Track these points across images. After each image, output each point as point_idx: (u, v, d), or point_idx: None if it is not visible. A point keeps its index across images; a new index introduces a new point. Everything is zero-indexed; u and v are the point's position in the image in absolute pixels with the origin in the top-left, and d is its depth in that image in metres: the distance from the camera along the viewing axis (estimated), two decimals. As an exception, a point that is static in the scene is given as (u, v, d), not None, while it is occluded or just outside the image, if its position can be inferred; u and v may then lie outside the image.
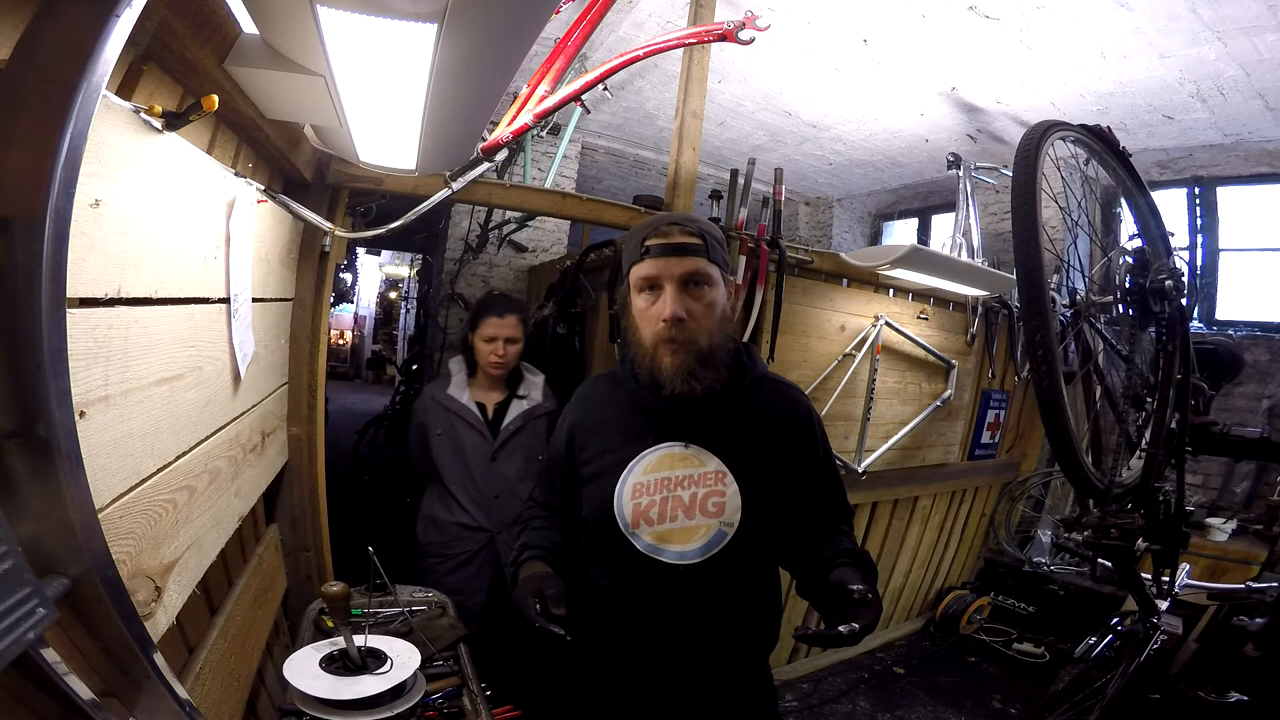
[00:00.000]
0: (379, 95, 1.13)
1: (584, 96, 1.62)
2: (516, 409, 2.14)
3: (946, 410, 3.25)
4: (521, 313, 2.14)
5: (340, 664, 1.26)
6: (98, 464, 0.71)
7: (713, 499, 1.10)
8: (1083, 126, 1.70)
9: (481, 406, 2.14)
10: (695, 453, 1.12)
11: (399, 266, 12.05)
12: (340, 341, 13.58)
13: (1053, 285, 2.87)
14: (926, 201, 5.58)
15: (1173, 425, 1.66)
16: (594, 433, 1.22)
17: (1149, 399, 1.77)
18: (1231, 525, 3.12)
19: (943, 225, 5.43)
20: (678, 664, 1.13)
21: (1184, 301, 1.64)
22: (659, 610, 1.11)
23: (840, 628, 0.91)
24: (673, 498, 1.10)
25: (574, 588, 1.13)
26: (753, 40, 1.60)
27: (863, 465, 2.87)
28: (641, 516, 1.10)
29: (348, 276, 10.12)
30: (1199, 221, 4.03)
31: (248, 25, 0.99)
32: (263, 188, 1.34)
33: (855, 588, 0.96)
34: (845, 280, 2.76)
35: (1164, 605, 1.82)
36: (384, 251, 10.75)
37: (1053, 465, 3.90)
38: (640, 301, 1.11)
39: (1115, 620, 2.13)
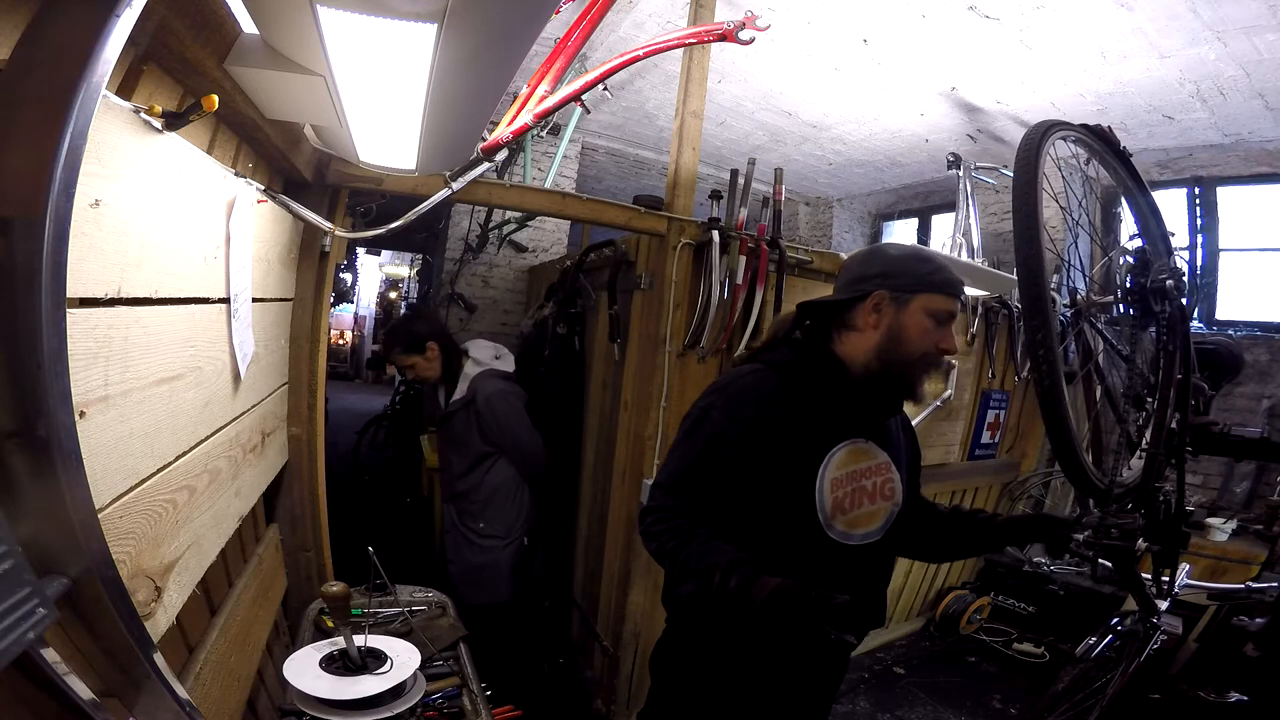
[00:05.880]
0: (379, 95, 1.13)
1: (584, 96, 1.62)
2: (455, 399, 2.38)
3: (946, 410, 3.25)
4: (404, 341, 2.32)
5: (340, 664, 1.26)
6: (98, 464, 0.71)
7: (888, 485, 1.30)
8: (1084, 126, 1.70)
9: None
10: (869, 447, 1.29)
11: (399, 266, 12.05)
12: (340, 341, 13.56)
13: (1053, 285, 2.86)
14: (926, 201, 5.57)
15: (1173, 425, 1.65)
16: (780, 429, 1.23)
17: (1149, 399, 1.77)
18: (1231, 525, 3.12)
19: (943, 225, 5.42)
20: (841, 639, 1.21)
21: (1184, 301, 1.63)
22: (842, 586, 1.14)
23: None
24: (858, 488, 1.26)
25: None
26: (753, 40, 1.60)
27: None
28: (838, 507, 1.24)
29: (348, 276, 10.09)
30: (1199, 221, 4.02)
31: (248, 25, 0.99)
32: (263, 188, 1.34)
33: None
34: (845, 280, 2.76)
35: (1164, 605, 1.81)
36: (384, 251, 10.74)
37: (1053, 465, 3.89)
38: (929, 322, 1.24)
39: (1115, 620, 2.13)
